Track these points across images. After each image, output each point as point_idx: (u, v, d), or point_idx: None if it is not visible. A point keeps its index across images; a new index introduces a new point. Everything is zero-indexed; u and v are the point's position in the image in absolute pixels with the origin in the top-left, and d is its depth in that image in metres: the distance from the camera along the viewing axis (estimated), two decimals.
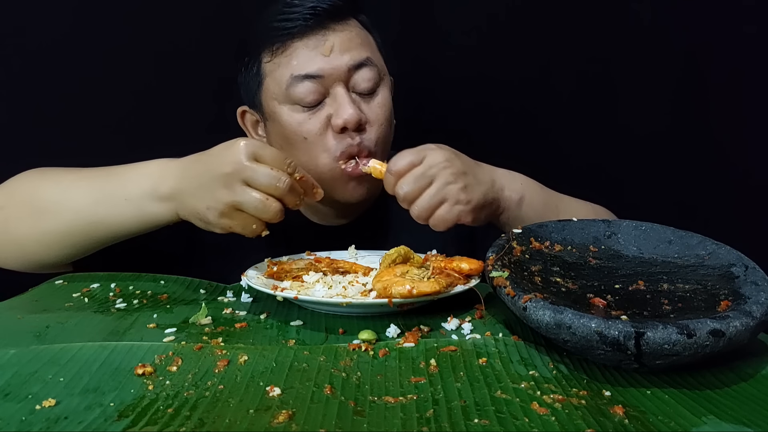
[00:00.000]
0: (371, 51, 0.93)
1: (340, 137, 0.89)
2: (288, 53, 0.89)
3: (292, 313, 0.71)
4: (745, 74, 1.37)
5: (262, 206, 0.71)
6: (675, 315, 0.59)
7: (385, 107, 0.93)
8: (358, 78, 0.90)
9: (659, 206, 1.33)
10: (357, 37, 0.91)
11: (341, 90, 0.88)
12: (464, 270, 0.73)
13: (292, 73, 0.88)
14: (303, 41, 0.89)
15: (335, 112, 0.88)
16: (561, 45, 1.38)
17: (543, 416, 0.47)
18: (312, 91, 0.88)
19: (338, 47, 0.89)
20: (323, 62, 0.88)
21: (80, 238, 0.82)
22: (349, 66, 0.89)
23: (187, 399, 0.50)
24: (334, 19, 0.90)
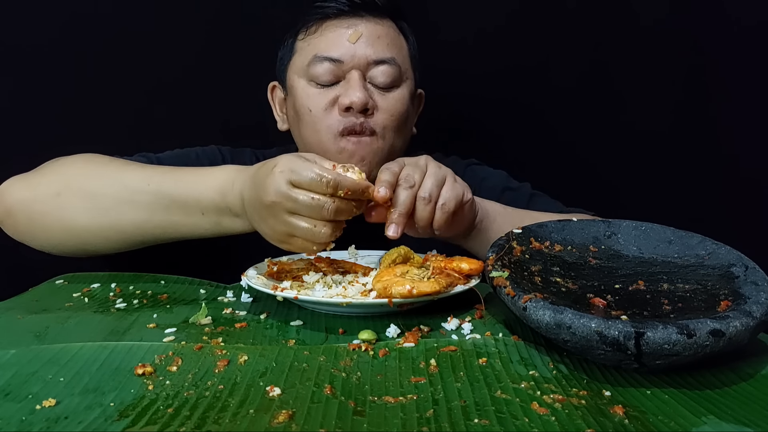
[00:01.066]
0: (399, 53, 0.95)
1: (344, 115, 0.91)
2: (318, 33, 0.93)
3: (292, 313, 0.71)
4: (745, 74, 1.37)
5: (311, 234, 0.69)
6: (675, 315, 0.59)
7: (399, 102, 0.94)
8: (377, 71, 0.93)
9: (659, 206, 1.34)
10: (387, 37, 0.94)
11: (356, 74, 0.91)
12: (464, 270, 0.73)
13: (316, 52, 0.92)
14: (335, 25, 0.93)
15: (344, 92, 0.91)
16: (561, 45, 1.38)
17: (543, 416, 0.47)
18: (329, 72, 0.92)
19: (365, 38, 0.92)
20: (347, 48, 0.91)
21: (147, 238, 0.82)
22: (370, 58, 0.92)
23: (187, 399, 0.50)
24: (371, 12, 0.94)
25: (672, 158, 1.42)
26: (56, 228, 0.82)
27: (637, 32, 1.38)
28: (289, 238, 0.71)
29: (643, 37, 1.38)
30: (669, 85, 1.40)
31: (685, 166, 1.40)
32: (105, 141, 1.17)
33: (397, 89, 0.95)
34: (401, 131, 0.96)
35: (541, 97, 1.41)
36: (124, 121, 1.30)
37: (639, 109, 1.41)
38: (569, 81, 1.40)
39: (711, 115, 1.39)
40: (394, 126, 0.94)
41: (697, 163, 1.40)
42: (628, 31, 1.38)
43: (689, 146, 1.40)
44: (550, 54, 1.39)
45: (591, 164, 1.42)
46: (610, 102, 1.40)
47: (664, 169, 1.42)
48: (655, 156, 1.42)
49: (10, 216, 0.83)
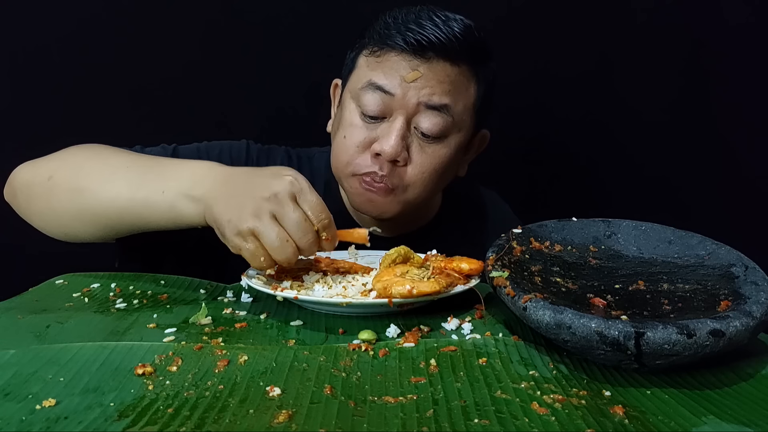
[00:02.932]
0: (457, 102, 0.90)
1: (373, 160, 0.89)
2: (380, 60, 0.89)
3: (292, 313, 0.71)
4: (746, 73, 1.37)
5: (279, 245, 0.68)
6: (675, 315, 0.59)
7: (437, 159, 0.90)
8: (424, 118, 0.88)
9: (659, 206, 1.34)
10: (450, 84, 0.88)
11: (400, 121, 0.88)
12: (464, 270, 0.73)
13: (371, 78, 0.89)
14: (399, 58, 0.88)
15: (381, 138, 0.88)
16: (561, 44, 1.38)
17: (543, 416, 0.47)
18: (377, 104, 0.88)
19: (424, 80, 0.87)
20: (400, 85, 0.87)
21: (113, 222, 0.81)
22: (420, 101, 0.87)
23: (187, 399, 0.50)
24: (440, 55, 0.88)
25: (672, 158, 1.42)
26: (45, 210, 0.84)
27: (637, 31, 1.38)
28: (249, 236, 0.68)
29: (643, 35, 1.38)
30: (668, 84, 1.40)
31: (685, 165, 1.41)
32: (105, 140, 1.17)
33: (442, 142, 0.90)
34: (432, 185, 0.93)
35: (540, 96, 1.41)
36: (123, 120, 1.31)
37: (638, 109, 1.41)
38: (568, 79, 1.40)
39: (711, 115, 1.39)
40: (423, 182, 0.91)
41: (697, 163, 1.40)
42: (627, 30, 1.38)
43: (689, 146, 1.40)
44: (549, 52, 1.39)
45: (591, 164, 1.42)
46: (609, 102, 1.40)
47: (664, 168, 1.42)
48: (655, 156, 1.42)
49: (15, 197, 0.87)
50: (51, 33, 1.27)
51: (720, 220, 1.22)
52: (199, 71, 1.33)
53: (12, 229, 1.29)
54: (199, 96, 1.33)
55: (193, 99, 1.33)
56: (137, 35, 1.29)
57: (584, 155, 1.42)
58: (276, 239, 0.67)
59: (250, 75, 1.35)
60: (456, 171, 0.99)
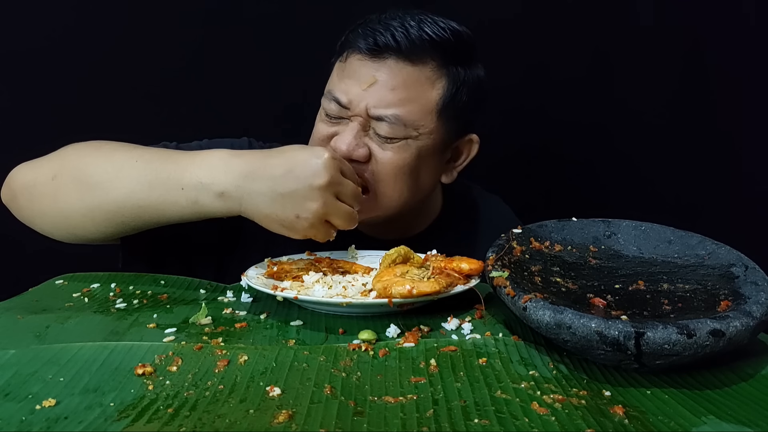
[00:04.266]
0: (413, 109, 0.87)
1: None
2: (344, 67, 0.90)
3: (292, 313, 0.71)
4: (746, 73, 1.37)
5: (350, 217, 0.79)
6: (675, 315, 0.59)
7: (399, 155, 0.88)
8: (378, 124, 0.87)
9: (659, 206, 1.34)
10: (405, 89, 0.86)
11: (355, 124, 0.87)
12: (464, 270, 0.73)
13: (331, 89, 0.90)
14: (358, 64, 0.88)
15: (337, 137, 0.88)
16: (561, 43, 1.38)
17: (543, 416, 0.47)
18: (335, 112, 0.89)
19: (378, 87, 0.86)
20: (355, 94, 0.87)
21: (129, 219, 0.80)
22: (371, 112, 0.86)
23: (187, 399, 0.50)
24: (399, 56, 0.86)
25: (672, 158, 1.42)
26: (51, 211, 0.82)
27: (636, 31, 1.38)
28: (319, 221, 0.76)
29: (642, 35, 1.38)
30: (668, 84, 1.40)
31: (685, 165, 1.41)
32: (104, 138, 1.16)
33: (401, 143, 0.87)
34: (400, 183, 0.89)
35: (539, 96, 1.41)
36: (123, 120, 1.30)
37: (638, 110, 1.41)
38: (568, 79, 1.40)
39: (711, 115, 1.39)
40: (388, 177, 0.88)
41: (697, 163, 1.40)
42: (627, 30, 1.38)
43: (689, 146, 1.40)
44: (548, 53, 1.39)
45: (591, 164, 1.42)
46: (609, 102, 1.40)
47: (663, 168, 1.42)
48: (655, 156, 1.42)
49: (15, 199, 0.85)
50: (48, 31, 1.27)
51: (720, 220, 1.22)
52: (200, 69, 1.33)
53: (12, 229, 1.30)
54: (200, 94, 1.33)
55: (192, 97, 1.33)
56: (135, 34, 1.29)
57: (584, 155, 1.42)
58: (348, 214, 0.78)
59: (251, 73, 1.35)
60: (437, 176, 0.96)
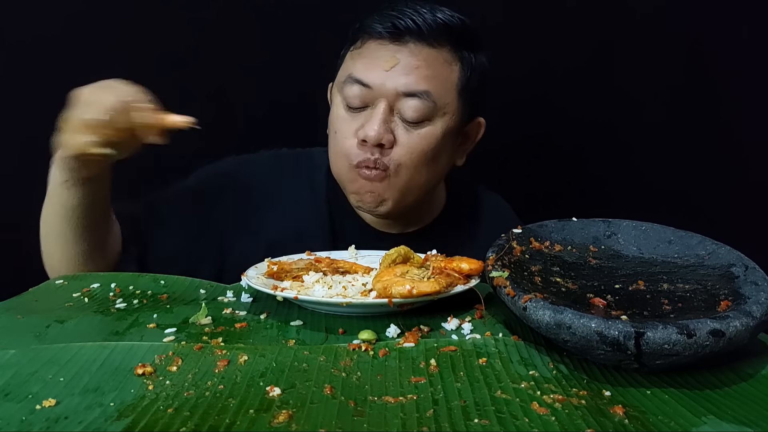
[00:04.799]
0: (437, 86, 0.89)
1: (361, 147, 0.90)
2: (360, 51, 0.91)
3: (292, 313, 0.71)
4: (745, 73, 1.37)
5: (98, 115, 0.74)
6: (675, 315, 0.59)
7: (424, 140, 0.90)
8: (406, 105, 0.88)
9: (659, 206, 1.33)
10: (428, 68, 0.88)
11: (381, 106, 0.88)
12: (464, 270, 0.73)
13: (351, 72, 0.90)
14: (376, 46, 0.90)
15: (365, 124, 0.89)
16: (563, 42, 1.38)
17: (543, 416, 0.47)
18: (358, 96, 0.89)
19: (401, 67, 0.88)
20: (379, 75, 0.88)
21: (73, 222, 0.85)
22: (399, 90, 0.88)
23: (187, 399, 0.50)
24: (417, 39, 0.88)
25: (672, 158, 1.42)
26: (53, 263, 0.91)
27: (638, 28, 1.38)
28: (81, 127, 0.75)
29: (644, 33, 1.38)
30: (668, 84, 1.40)
31: (686, 165, 1.41)
32: None
33: (427, 125, 0.90)
34: (424, 168, 0.92)
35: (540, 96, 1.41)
36: None
37: (640, 109, 1.41)
38: (568, 79, 1.40)
39: (712, 114, 1.39)
40: (413, 163, 0.90)
41: (698, 163, 1.40)
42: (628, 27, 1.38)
43: (690, 146, 1.40)
44: (549, 51, 1.39)
45: (591, 164, 1.42)
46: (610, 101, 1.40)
47: (664, 168, 1.42)
48: (655, 156, 1.42)
49: None
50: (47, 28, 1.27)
51: (720, 219, 1.22)
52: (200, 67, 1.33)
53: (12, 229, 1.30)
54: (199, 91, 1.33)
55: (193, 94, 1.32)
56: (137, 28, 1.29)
57: (585, 155, 1.42)
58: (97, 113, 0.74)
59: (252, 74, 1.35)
60: (452, 159, 0.98)
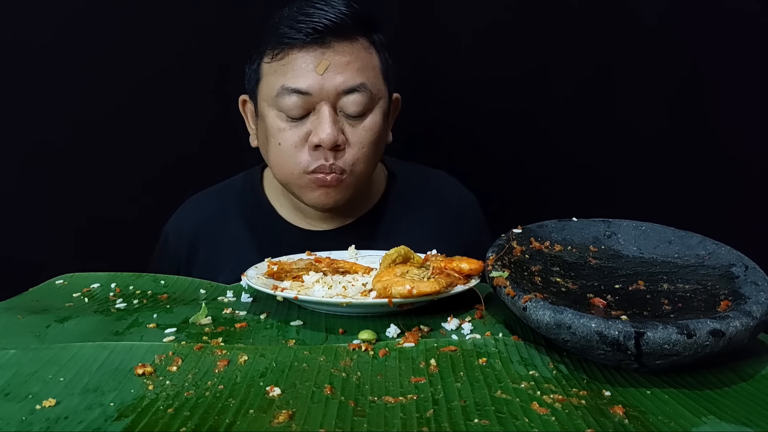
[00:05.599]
0: (369, 75, 0.91)
1: (314, 153, 0.90)
2: (285, 62, 0.90)
3: (292, 313, 0.71)
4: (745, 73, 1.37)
5: None
6: (675, 315, 0.59)
7: (370, 131, 0.92)
8: (347, 101, 0.89)
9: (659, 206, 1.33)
10: (357, 60, 0.90)
11: (326, 109, 0.89)
12: (464, 270, 0.73)
13: (283, 83, 0.89)
14: (301, 54, 0.89)
15: (314, 130, 0.89)
16: (561, 45, 1.38)
17: (543, 416, 0.47)
18: (298, 106, 0.89)
19: (334, 67, 0.88)
20: (315, 80, 0.88)
21: None
22: (338, 89, 0.88)
23: (187, 399, 0.50)
24: (338, 37, 0.89)
25: (672, 158, 1.42)
26: None
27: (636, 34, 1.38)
28: None
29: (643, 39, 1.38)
30: (668, 85, 1.40)
31: (686, 166, 1.40)
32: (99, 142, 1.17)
33: (369, 115, 0.92)
34: (372, 158, 0.95)
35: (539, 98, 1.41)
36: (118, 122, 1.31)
37: (638, 110, 1.41)
38: (568, 83, 1.40)
39: (711, 116, 1.39)
40: (365, 157, 0.93)
41: (698, 163, 1.40)
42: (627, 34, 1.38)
43: (689, 146, 1.40)
44: (549, 56, 1.39)
45: (591, 165, 1.42)
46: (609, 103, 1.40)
47: (664, 169, 1.42)
48: (655, 156, 1.42)
49: None
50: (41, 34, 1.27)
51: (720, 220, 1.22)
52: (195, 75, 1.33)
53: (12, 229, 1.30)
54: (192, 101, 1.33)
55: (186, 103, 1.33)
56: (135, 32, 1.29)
57: (585, 155, 1.42)
58: None
59: None
60: (385, 141, 0.99)
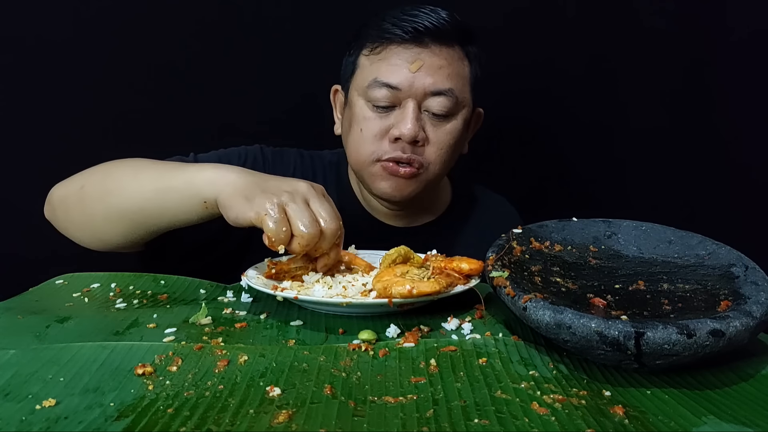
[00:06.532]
0: (458, 82, 0.95)
1: (393, 145, 0.94)
2: (382, 56, 0.94)
3: (292, 313, 0.71)
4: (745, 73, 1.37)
5: (309, 226, 0.70)
6: (675, 315, 0.59)
7: (450, 134, 0.95)
8: (433, 102, 0.93)
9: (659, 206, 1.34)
10: (449, 66, 0.93)
11: (411, 105, 0.92)
12: (464, 270, 0.73)
13: (376, 76, 0.93)
14: (399, 50, 0.93)
15: (397, 123, 0.93)
16: (562, 44, 1.38)
17: (543, 416, 0.47)
18: (386, 98, 0.93)
19: (426, 68, 0.92)
20: (406, 77, 0.92)
21: (137, 215, 0.83)
22: (427, 89, 0.92)
23: (187, 399, 0.50)
24: (436, 40, 0.93)
25: (672, 158, 1.42)
26: (80, 218, 0.87)
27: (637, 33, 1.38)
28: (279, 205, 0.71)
29: (644, 38, 1.38)
30: (668, 85, 1.40)
31: (686, 166, 1.41)
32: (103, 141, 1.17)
33: (452, 119, 0.95)
34: (448, 161, 0.98)
35: (541, 96, 1.41)
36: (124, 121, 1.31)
37: (638, 110, 1.41)
38: (569, 80, 1.40)
39: (712, 116, 1.39)
40: (441, 159, 0.96)
41: (698, 164, 1.40)
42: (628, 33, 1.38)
43: (689, 147, 1.40)
44: (553, 52, 1.39)
45: (591, 164, 1.42)
46: (611, 101, 1.40)
47: (664, 169, 1.42)
48: (655, 156, 1.42)
49: (54, 213, 0.90)
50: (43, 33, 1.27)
51: (720, 220, 1.22)
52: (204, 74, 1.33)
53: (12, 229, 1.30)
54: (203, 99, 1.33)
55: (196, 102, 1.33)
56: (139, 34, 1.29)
57: (585, 155, 1.42)
58: (304, 213, 0.71)
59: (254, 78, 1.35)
60: (461, 149, 1.03)
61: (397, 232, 1.06)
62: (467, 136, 1.04)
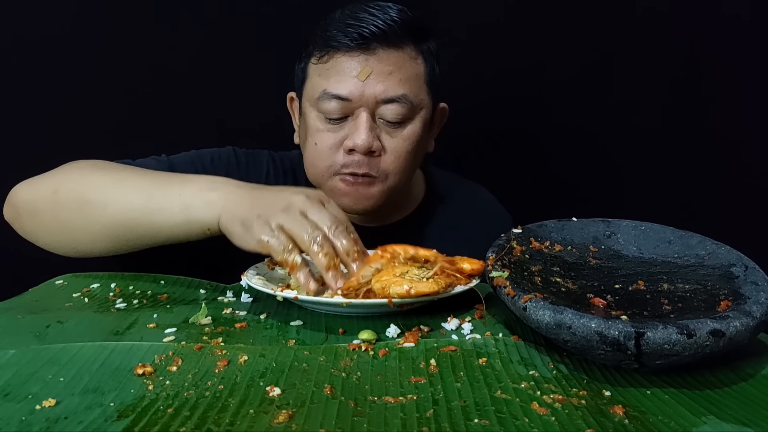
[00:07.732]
0: (412, 85, 0.92)
1: (348, 157, 0.91)
2: (329, 65, 0.91)
3: (292, 313, 0.71)
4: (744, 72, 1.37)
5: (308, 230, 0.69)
6: (675, 315, 0.59)
7: (407, 140, 0.93)
8: (386, 110, 0.90)
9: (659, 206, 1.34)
10: (400, 70, 0.90)
11: (364, 115, 0.90)
12: (465, 270, 0.73)
13: (325, 88, 0.90)
14: (346, 59, 0.90)
15: (350, 134, 0.90)
16: (559, 42, 1.38)
17: (543, 416, 0.47)
18: (337, 110, 0.90)
19: (376, 75, 0.89)
20: (356, 86, 0.89)
21: (125, 232, 0.81)
22: (378, 98, 0.89)
23: (187, 399, 0.50)
24: (384, 44, 0.89)
25: (672, 158, 1.42)
26: (52, 225, 0.84)
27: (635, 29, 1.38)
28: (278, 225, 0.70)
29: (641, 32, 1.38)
30: (668, 84, 1.40)
31: (686, 165, 1.41)
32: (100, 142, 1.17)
33: (409, 124, 0.93)
34: (408, 168, 0.96)
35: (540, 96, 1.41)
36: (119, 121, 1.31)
37: (638, 108, 1.41)
38: (566, 79, 1.40)
39: (711, 115, 1.39)
40: (401, 167, 0.94)
41: (698, 163, 1.40)
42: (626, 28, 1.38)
43: (689, 146, 1.40)
44: (547, 51, 1.39)
45: (591, 164, 1.42)
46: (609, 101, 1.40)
47: (664, 168, 1.42)
48: (655, 156, 1.42)
49: (18, 216, 0.87)
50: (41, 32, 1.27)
51: (720, 220, 1.22)
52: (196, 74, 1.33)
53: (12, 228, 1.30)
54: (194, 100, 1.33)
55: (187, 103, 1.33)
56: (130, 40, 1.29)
57: (585, 155, 1.42)
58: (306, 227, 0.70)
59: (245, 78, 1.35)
60: (423, 152, 1.00)
61: (369, 232, 1.01)
62: (430, 136, 1.01)
